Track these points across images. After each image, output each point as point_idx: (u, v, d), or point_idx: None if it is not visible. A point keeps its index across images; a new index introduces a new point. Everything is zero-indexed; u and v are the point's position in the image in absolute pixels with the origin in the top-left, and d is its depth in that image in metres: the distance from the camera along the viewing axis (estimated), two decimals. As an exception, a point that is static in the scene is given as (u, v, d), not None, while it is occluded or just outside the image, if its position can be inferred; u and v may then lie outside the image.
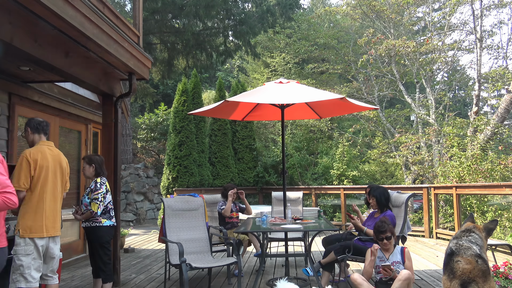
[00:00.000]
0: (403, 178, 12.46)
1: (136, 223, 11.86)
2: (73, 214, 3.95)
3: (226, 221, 5.52)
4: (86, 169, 3.96)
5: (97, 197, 3.81)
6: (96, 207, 3.80)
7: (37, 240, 3.08)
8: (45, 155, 3.22)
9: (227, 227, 5.43)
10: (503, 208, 8.42)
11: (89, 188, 3.89)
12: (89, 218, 3.85)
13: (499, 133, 10.14)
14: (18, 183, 3.02)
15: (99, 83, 4.65)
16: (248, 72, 19.86)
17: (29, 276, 3.01)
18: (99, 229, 3.86)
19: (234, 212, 5.62)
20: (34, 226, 3.07)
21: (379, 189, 4.51)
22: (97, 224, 3.86)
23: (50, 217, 3.19)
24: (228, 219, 5.54)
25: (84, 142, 6.60)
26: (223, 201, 5.59)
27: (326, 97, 4.24)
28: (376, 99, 13.67)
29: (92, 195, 3.82)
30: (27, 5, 2.89)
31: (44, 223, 3.13)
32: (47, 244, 3.18)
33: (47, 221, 3.16)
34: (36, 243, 3.07)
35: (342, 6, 14.91)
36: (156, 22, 12.78)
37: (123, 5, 17.16)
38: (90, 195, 3.84)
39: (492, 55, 17.82)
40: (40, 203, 3.13)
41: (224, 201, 5.55)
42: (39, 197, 3.13)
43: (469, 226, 2.69)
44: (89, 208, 3.82)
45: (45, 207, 3.16)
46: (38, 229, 3.09)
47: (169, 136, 10.49)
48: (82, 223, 3.95)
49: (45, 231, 3.13)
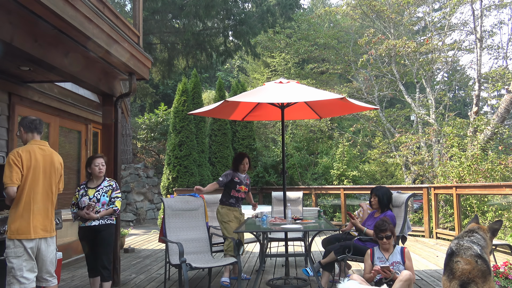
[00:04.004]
0: (403, 178, 12.46)
1: (136, 223, 11.86)
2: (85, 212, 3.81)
3: (231, 194, 4.95)
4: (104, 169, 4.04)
5: (119, 195, 4.00)
6: (119, 205, 3.99)
7: (25, 242, 3.01)
8: (35, 155, 3.13)
9: (230, 202, 4.93)
10: (503, 208, 8.41)
11: (109, 187, 3.98)
12: (109, 215, 3.94)
13: (499, 133, 10.13)
14: (11, 180, 2.97)
15: (99, 83, 4.65)
16: (248, 72, 19.87)
17: (21, 278, 2.97)
18: (113, 226, 4.00)
19: (243, 186, 4.99)
20: (21, 228, 3.00)
21: (382, 188, 4.52)
22: (112, 222, 3.97)
23: (40, 218, 3.10)
24: (236, 192, 4.93)
25: (84, 142, 6.60)
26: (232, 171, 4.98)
27: (326, 97, 4.24)
28: (376, 99, 13.66)
29: (114, 194, 3.97)
30: (27, 5, 2.88)
31: (31, 224, 3.04)
32: (38, 246, 3.10)
33: (35, 222, 3.07)
34: (25, 245, 3.01)
35: (342, 6, 14.91)
36: (156, 22, 12.79)
37: (123, 5, 17.17)
38: (110, 193, 3.96)
39: (492, 55, 17.86)
40: (27, 204, 3.05)
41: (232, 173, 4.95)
42: (26, 198, 3.05)
43: (473, 227, 2.68)
44: (112, 206, 3.93)
45: (33, 208, 3.06)
46: (26, 231, 3.01)
47: (169, 136, 10.49)
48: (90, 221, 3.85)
49: (33, 232, 3.05)
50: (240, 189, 4.94)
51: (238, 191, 4.94)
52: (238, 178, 4.94)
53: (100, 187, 3.95)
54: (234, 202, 4.96)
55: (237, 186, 4.92)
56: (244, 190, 5.00)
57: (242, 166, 4.95)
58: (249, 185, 5.12)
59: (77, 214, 3.91)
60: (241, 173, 5.00)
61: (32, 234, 3.05)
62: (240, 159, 4.97)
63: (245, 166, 4.97)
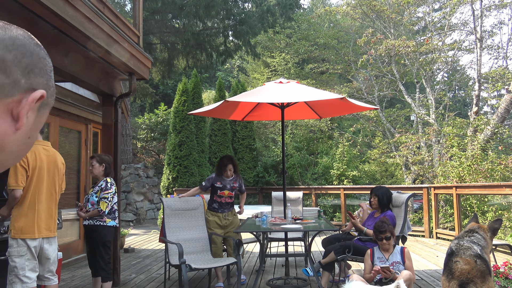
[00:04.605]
0: (403, 178, 12.46)
1: (136, 223, 11.86)
2: (77, 211, 3.96)
3: (213, 199, 4.78)
4: (96, 168, 3.95)
5: (106, 196, 3.84)
6: (104, 206, 3.82)
7: (29, 241, 3.03)
8: (40, 155, 3.15)
9: (213, 207, 4.77)
10: (504, 208, 8.41)
11: (98, 187, 3.90)
12: (95, 216, 3.86)
13: (499, 133, 10.14)
14: (17, 182, 3.00)
15: (99, 83, 4.65)
16: (248, 72, 19.87)
17: (23, 277, 2.99)
18: (102, 228, 3.88)
19: (226, 191, 4.74)
20: (26, 227, 3.03)
21: (382, 189, 4.52)
22: (101, 223, 3.87)
23: (44, 218, 3.14)
24: (217, 197, 4.74)
25: (84, 142, 6.60)
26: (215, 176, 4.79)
27: (326, 97, 4.25)
28: (376, 99, 13.67)
29: (102, 194, 3.84)
30: (27, 5, 2.89)
31: (36, 224, 3.07)
32: (40, 245, 3.13)
33: (40, 222, 3.10)
34: (28, 244, 3.03)
35: (342, 6, 14.91)
36: (156, 22, 12.79)
37: (123, 5, 17.17)
38: (99, 194, 3.85)
39: (492, 55, 17.85)
40: (32, 204, 3.08)
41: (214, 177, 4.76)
42: (31, 198, 3.08)
43: (473, 227, 2.68)
44: (97, 207, 3.83)
45: (38, 208, 3.10)
46: (30, 230, 3.04)
47: (169, 136, 10.49)
48: (84, 220, 3.94)
49: (37, 232, 3.08)
50: (222, 194, 4.72)
51: (220, 196, 4.73)
52: (221, 183, 4.72)
53: (96, 186, 3.97)
54: (217, 207, 4.77)
55: (218, 192, 4.73)
56: (229, 195, 4.75)
57: (225, 173, 4.71)
58: (237, 188, 4.85)
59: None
60: (226, 177, 4.76)
61: (36, 234, 3.08)
62: (223, 165, 4.71)
63: (228, 172, 4.70)
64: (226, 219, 4.80)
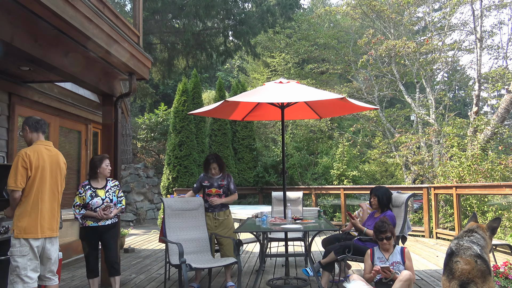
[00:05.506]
0: (403, 178, 12.45)
1: (136, 223, 11.86)
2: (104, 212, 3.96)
3: (204, 198, 4.82)
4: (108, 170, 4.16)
5: (123, 194, 4.25)
6: (124, 203, 4.23)
7: (31, 241, 3.04)
8: (42, 155, 3.16)
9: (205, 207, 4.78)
10: (504, 208, 8.41)
11: (116, 187, 4.17)
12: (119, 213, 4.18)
13: (499, 133, 10.14)
14: (16, 183, 2.99)
15: (99, 83, 4.65)
16: (248, 72, 19.86)
17: (25, 277, 2.99)
18: (118, 224, 4.27)
19: (213, 189, 4.76)
20: (29, 227, 3.03)
21: (381, 188, 4.52)
22: (117, 220, 4.21)
23: (46, 217, 3.14)
24: (206, 196, 4.78)
25: (84, 142, 6.60)
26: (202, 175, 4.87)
27: (326, 97, 4.24)
28: (376, 99, 13.67)
29: (120, 193, 4.19)
30: (27, 5, 2.88)
31: (39, 224, 3.08)
32: (43, 245, 3.13)
33: (42, 221, 3.10)
34: (31, 243, 3.03)
35: (342, 6, 14.91)
36: (156, 22, 12.79)
37: (123, 5, 17.17)
38: (118, 193, 4.16)
39: (492, 55, 17.88)
40: (35, 203, 3.08)
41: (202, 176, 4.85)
42: (34, 198, 3.08)
43: (472, 226, 2.68)
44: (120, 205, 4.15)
45: (41, 208, 3.10)
46: (33, 230, 3.05)
47: (169, 136, 10.49)
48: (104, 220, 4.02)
49: (40, 232, 3.08)
50: (210, 192, 4.75)
51: (208, 194, 4.77)
52: (208, 181, 4.78)
53: (107, 187, 4.09)
54: (207, 207, 4.79)
55: (206, 190, 4.80)
56: (217, 192, 4.75)
57: (210, 171, 4.77)
58: (225, 186, 4.80)
59: (85, 215, 3.96)
60: (212, 176, 4.80)
61: (39, 234, 3.08)
62: (208, 163, 4.78)
63: (213, 171, 4.75)
64: (216, 219, 4.81)
